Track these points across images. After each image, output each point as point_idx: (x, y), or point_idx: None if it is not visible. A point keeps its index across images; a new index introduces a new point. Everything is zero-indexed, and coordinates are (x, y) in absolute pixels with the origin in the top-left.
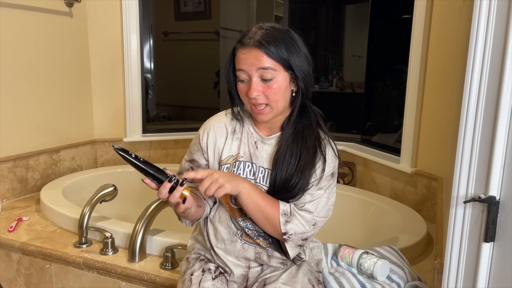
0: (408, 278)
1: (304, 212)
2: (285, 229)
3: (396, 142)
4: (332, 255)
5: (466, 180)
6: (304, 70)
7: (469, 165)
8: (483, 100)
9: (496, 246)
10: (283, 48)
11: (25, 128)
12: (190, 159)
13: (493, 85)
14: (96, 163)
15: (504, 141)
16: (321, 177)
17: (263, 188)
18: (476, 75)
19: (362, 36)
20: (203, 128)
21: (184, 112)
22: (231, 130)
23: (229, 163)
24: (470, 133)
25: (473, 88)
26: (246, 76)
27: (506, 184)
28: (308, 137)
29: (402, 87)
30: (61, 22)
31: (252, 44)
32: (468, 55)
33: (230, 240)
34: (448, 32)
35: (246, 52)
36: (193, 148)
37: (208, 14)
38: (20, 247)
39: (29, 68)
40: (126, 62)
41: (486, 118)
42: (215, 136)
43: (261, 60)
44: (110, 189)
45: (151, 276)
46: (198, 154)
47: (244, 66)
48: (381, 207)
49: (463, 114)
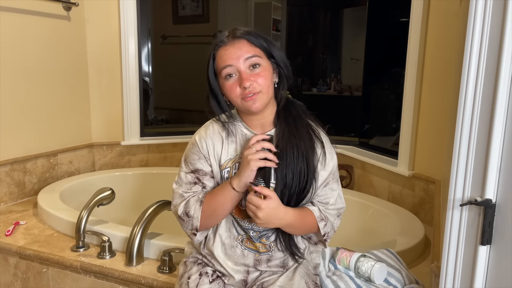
0: (406, 281)
1: (330, 209)
2: (324, 231)
3: (393, 145)
4: (329, 258)
5: (463, 183)
6: (283, 59)
7: (465, 168)
8: (479, 103)
9: (493, 249)
10: (262, 39)
11: (22, 132)
12: (192, 170)
13: (489, 88)
14: (94, 166)
15: (500, 144)
16: (333, 167)
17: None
18: (472, 78)
19: (360, 39)
20: (197, 137)
21: (182, 115)
22: (225, 135)
23: (229, 166)
24: (466, 136)
25: (469, 91)
26: (234, 70)
27: (502, 187)
28: (301, 126)
29: (399, 90)
30: (59, 25)
31: (233, 37)
32: (463, 58)
33: (230, 245)
34: (445, 35)
35: (228, 48)
36: (191, 159)
37: (206, 17)
38: (17, 251)
39: (27, 71)
40: (124, 66)
41: (482, 121)
42: (213, 143)
43: (245, 50)
44: (108, 192)
45: (149, 280)
46: (200, 162)
47: (230, 60)
48: (379, 210)
49: (459, 117)
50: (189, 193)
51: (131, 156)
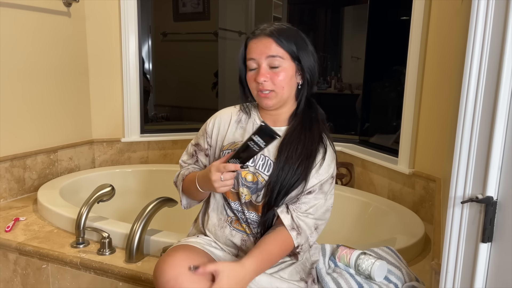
0: (406, 279)
1: (306, 217)
2: (297, 242)
3: (394, 143)
4: (329, 256)
5: (464, 180)
6: (310, 64)
7: (467, 165)
8: (480, 101)
9: (494, 246)
10: (292, 41)
11: (22, 128)
12: (195, 143)
13: (491, 85)
14: (94, 163)
15: (502, 141)
16: (323, 179)
17: (261, 176)
18: (473, 76)
19: (361, 37)
20: (212, 116)
21: (183, 112)
22: (236, 119)
23: (230, 149)
24: (468, 133)
25: (471, 88)
26: (256, 64)
27: (503, 185)
28: (315, 129)
29: (400, 88)
30: (59, 22)
31: (263, 34)
32: (465, 56)
33: (220, 226)
34: (446, 33)
35: (257, 42)
36: (199, 133)
37: (206, 14)
38: (17, 247)
39: (27, 67)
40: (125, 63)
41: (483, 119)
42: (220, 123)
43: (270, 48)
44: (108, 189)
45: (149, 277)
46: (202, 138)
47: (255, 55)
48: (379, 208)
49: (461, 115)
50: (185, 164)
51: (131, 153)
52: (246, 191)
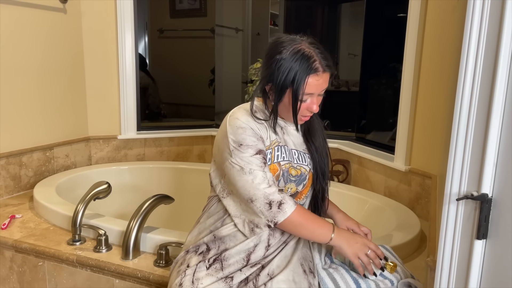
0: (401, 276)
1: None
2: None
3: (390, 140)
4: (326, 252)
5: (459, 177)
6: None
7: (462, 162)
8: (476, 98)
9: (489, 243)
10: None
11: (18, 125)
12: (257, 152)
13: (486, 83)
14: (90, 160)
15: (497, 138)
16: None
17: (303, 167)
18: (469, 73)
19: (357, 34)
20: (243, 121)
21: (179, 109)
22: (259, 121)
23: (272, 147)
24: (463, 131)
25: (466, 86)
26: (311, 97)
27: (498, 182)
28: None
29: (396, 85)
30: (54, 18)
31: (323, 70)
32: (461, 53)
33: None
34: (443, 30)
35: (319, 79)
36: (249, 141)
37: (203, 11)
38: (13, 245)
39: (22, 64)
40: (121, 59)
41: (479, 116)
42: (256, 126)
43: (327, 82)
44: (104, 186)
45: (145, 274)
46: (260, 143)
47: (316, 91)
48: (375, 205)
49: (456, 112)
50: (272, 189)
51: (128, 150)
52: (292, 185)
